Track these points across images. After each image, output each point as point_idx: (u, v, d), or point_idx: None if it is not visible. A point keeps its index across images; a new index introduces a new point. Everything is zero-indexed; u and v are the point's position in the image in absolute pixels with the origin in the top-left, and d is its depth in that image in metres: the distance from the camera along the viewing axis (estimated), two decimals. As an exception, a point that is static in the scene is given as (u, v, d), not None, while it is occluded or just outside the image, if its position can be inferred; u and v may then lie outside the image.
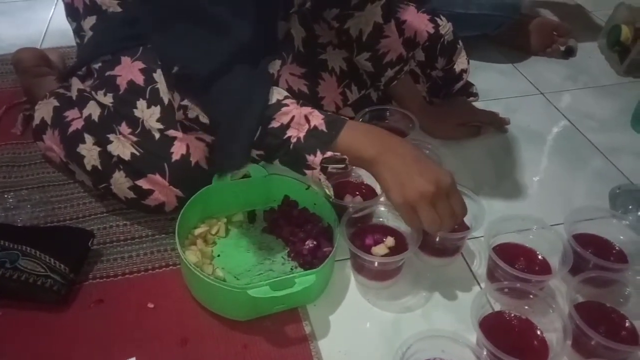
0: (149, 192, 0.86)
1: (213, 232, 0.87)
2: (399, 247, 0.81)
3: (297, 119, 0.74)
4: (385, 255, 0.79)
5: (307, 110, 0.75)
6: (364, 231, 0.84)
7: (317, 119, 0.74)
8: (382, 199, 0.87)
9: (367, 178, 0.94)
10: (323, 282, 0.81)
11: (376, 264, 0.78)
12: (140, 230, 0.91)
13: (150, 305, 0.79)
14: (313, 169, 0.74)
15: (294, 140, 0.73)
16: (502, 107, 1.21)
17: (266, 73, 0.89)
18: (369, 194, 0.91)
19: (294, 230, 0.87)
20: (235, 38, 0.75)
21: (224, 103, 0.76)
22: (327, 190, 0.76)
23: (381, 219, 0.87)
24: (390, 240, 0.82)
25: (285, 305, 0.77)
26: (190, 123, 0.81)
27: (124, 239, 0.90)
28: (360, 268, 0.82)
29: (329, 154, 0.73)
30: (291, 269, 0.84)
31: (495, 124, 1.15)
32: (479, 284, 0.84)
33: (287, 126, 0.74)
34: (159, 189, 0.86)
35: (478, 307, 0.72)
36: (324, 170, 0.74)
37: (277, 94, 0.76)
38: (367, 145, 0.74)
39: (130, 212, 0.93)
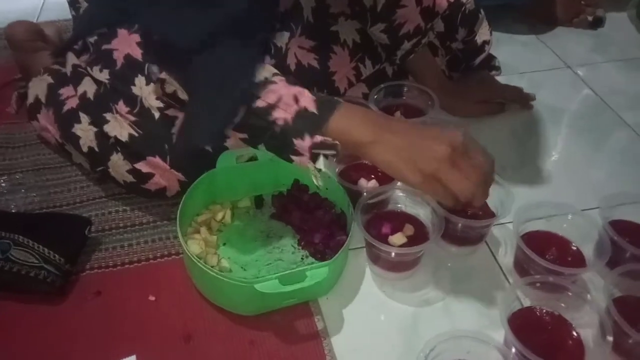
0: (149, 175, 0.80)
1: (218, 218, 0.82)
2: (419, 236, 0.75)
3: (285, 98, 0.66)
4: (404, 245, 0.73)
5: (296, 89, 0.67)
6: (380, 218, 0.77)
7: (308, 100, 0.67)
8: (399, 183, 0.80)
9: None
10: (336, 273, 0.75)
11: (393, 254, 0.72)
12: (141, 217, 0.85)
13: (152, 298, 0.74)
14: (301, 155, 0.66)
15: (280, 122, 0.66)
16: (525, 82, 1.14)
17: (259, 48, 0.81)
18: (384, 177, 0.84)
19: (304, 217, 0.81)
20: (226, 9, 0.67)
21: (203, 77, 0.68)
22: (315, 180, 0.68)
23: (399, 205, 0.80)
24: (408, 229, 0.75)
25: (295, 299, 0.71)
26: (167, 99, 0.74)
27: (124, 225, 0.84)
28: (376, 258, 0.76)
29: (319, 138, 0.65)
30: (302, 258, 0.78)
31: (520, 100, 1.08)
32: (504, 274, 0.78)
33: (274, 106, 0.66)
34: (160, 172, 0.80)
35: (507, 303, 0.66)
36: (314, 157, 0.66)
37: (266, 71, 0.68)
38: (363, 127, 0.66)
39: (131, 197, 0.88)
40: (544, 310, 0.67)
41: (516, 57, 1.23)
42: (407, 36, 0.95)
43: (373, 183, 0.83)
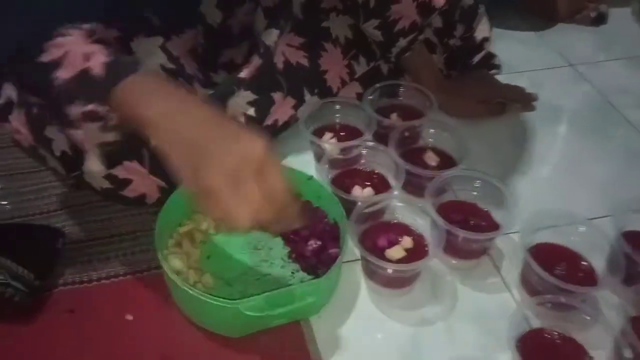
0: (127, 181, 0.74)
1: (202, 228, 0.76)
2: (418, 249, 0.70)
3: (72, 55, 0.55)
4: (402, 259, 0.68)
5: (93, 47, 0.56)
6: (377, 230, 0.72)
7: (98, 61, 0.55)
8: (396, 192, 0.75)
9: (379, 166, 0.82)
10: (329, 291, 0.70)
11: (390, 270, 0.67)
12: (119, 227, 0.79)
13: (129, 317, 0.68)
14: (73, 126, 0.56)
15: (59, 82, 0.55)
16: (525, 81, 1.08)
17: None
18: (381, 185, 0.79)
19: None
20: None
21: None
22: (88, 166, 0.59)
23: (396, 215, 0.75)
24: (407, 241, 0.70)
25: (284, 319, 0.65)
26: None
27: (101, 236, 0.78)
28: (372, 273, 0.70)
29: (90, 107, 0.54)
30: (292, 272, 0.73)
31: (522, 100, 1.02)
32: (509, 290, 0.73)
33: (59, 63, 0.55)
34: (138, 178, 0.74)
35: (515, 324, 0.61)
36: (90, 135, 0.57)
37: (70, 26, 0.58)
38: (148, 101, 0.53)
39: (109, 205, 0.81)
40: (555, 332, 0.63)
41: (515, 54, 1.17)
42: (403, 33, 0.89)
43: (368, 191, 0.77)
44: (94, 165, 0.73)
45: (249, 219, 0.50)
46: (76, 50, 0.56)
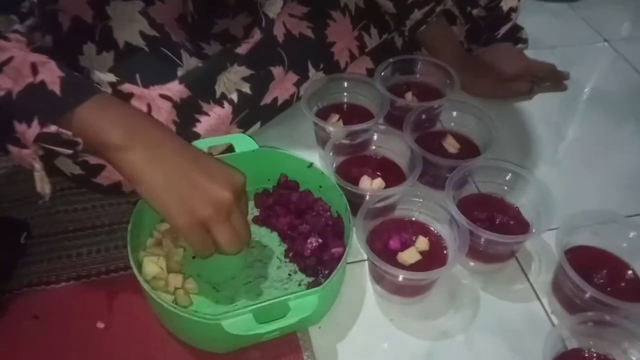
0: (99, 167, 0.65)
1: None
2: (435, 252, 0.60)
3: (17, 62, 0.50)
4: (416, 264, 0.58)
5: (39, 57, 0.51)
6: (388, 228, 0.62)
7: (51, 74, 0.50)
8: (410, 184, 0.65)
9: (392, 153, 0.72)
10: (330, 298, 0.61)
11: (401, 278, 0.57)
12: (94, 218, 0.70)
13: (100, 326, 0.60)
14: (23, 147, 0.50)
15: (1, 93, 0.49)
16: (556, 58, 0.97)
17: None
18: (393, 175, 0.69)
19: (293, 222, 0.66)
20: None
21: None
22: (38, 185, 0.52)
23: (411, 211, 0.65)
24: (422, 242, 0.60)
25: (278, 332, 0.56)
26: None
27: (73, 229, 0.69)
28: (380, 278, 0.61)
29: (53, 128, 0.49)
30: (289, 274, 0.64)
31: (552, 79, 0.92)
32: (538, 298, 0.63)
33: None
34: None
35: (551, 344, 0.51)
36: (45, 154, 0.51)
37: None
38: (118, 126, 0.51)
39: (83, 193, 0.72)
40: (595, 354, 0.53)
41: (545, 28, 1.07)
42: (417, 4, 0.79)
43: (378, 183, 0.67)
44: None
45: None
46: (22, 59, 0.50)
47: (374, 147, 0.73)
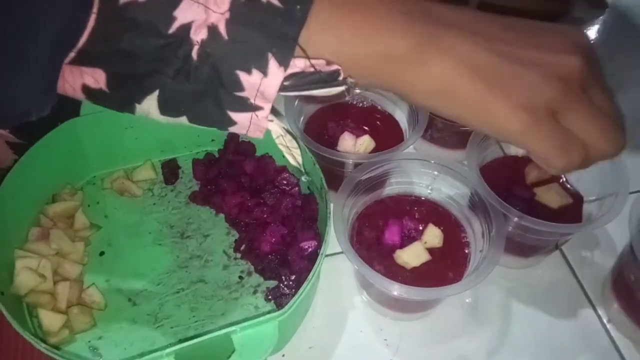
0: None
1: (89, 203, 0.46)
2: (452, 249, 0.41)
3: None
4: (425, 264, 0.39)
5: None
6: (381, 212, 0.43)
7: None
8: (412, 143, 0.45)
9: (385, 100, 0.52)
10: (298, 318, 0.41)
11: (396, 293, 0.37)
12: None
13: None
14: (256, 109, 0.29)
15: (201, 33, 0.27)
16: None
17: None
18: (388, 132, 0.49)
19: (246, 202, 0.46)
20: None
21: None
22: (291, 159, 0.33)
23: (415, 184, 0.45)
24: (433, 233, 0.41)
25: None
26: None
27: None
28: (369, 284, 0.42)
29: (302, 63, 0.28)
30: (240, 277, 0.45)
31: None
32: (592, 305, 0.45)
33: (189, 26, 0.27)
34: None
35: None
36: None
37: None
38: (390, 25, 0.29)
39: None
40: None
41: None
42: None
43: (366, 142, 0.47)
44: None
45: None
46: None
47: (357, 92, 0.52)
